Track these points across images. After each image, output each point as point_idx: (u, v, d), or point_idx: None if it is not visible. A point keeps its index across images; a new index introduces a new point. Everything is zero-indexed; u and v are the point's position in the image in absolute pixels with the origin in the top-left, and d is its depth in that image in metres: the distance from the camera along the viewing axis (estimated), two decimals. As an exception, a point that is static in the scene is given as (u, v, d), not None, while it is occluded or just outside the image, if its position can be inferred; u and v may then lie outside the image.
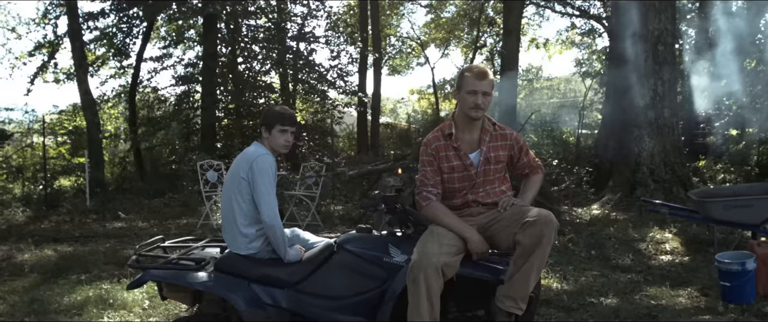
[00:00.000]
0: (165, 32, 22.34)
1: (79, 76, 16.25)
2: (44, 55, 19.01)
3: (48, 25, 19.47)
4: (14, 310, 6.40)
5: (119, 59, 20.52)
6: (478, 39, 25.87)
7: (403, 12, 29.88)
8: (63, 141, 19.13)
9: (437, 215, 3.90)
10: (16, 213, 13.03)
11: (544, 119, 22.95)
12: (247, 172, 4.08)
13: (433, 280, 3.57)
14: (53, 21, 19.15)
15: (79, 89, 16.21)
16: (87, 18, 18.07)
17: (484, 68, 3.98)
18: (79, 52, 16.19)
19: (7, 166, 17.33)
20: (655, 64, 11.71)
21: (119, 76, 21.09)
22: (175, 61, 20.59)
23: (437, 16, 29.26)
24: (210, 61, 18.74)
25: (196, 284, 3.96)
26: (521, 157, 4.14)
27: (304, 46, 21.15)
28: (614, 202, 11.35)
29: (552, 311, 6.13)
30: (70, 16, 16.26)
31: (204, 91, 19.00)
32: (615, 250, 8.52)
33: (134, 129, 19.36)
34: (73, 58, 16.48)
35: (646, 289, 6.76)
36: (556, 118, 24.08)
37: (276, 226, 4.02)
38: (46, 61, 18.71)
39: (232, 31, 19.67)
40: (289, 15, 21.14)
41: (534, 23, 28.43)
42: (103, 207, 13.09)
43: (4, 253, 9.16)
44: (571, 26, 27.11)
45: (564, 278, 7.26)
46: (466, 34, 28.17)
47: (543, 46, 30.41)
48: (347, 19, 24.39)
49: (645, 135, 11.64)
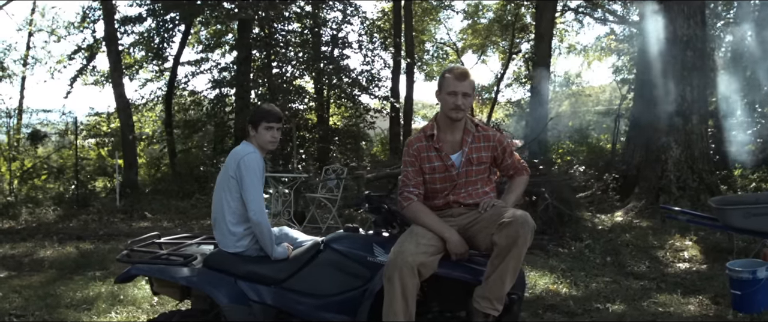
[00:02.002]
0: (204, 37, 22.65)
1: (115, 79, 16.58)
2: (83, 58, 19.39)
3: (86, 29, 19.84)
4: (28, 304, 6.56)
5: (157, 63, 20.87)
6: (513, 44, 25.73)
7: (440, 18, 29.88)
8: (102, 142, 19.53)
9: (417, 214, 3.91)
10: (47, 212, 13.33)
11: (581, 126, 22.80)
12: (235, 170, 4.13)
13: (408, 279, 3.58)
14: (91, 25, 19.52)
15: (114, 92, 16.51)
16: (124, 22, 18.45)
17: (464, 69, 3.98)
18: (114, 56, 16.50)
19: (48, 166, 17.77)
20: (684, 70, 11.51)
21: (157, 80, 21.45)
22: (212, 65, 20.90)
23: (474, 22, 29.17)
24: (244, 66, 18.96)
25: (180, 279, 4.01)
26: (505, 159, 4.12)
27: (338, 51, 21.29)
28: (639, 209, 11.18)
29: (556, 316, 6.09)
30: (107, 20, 16.59)
31: (238, 94, 19.24)
32: (631, 257, 8.43)
33: (170, 131, 19.65)
34: (109, 62, 16.79)
35: (655, 296, 6.67)
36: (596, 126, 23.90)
37: (262, 223, 4.06)
38: (85, 65, 19.09)
39: (267, 36, 19.86)
40: (324, 20, 21.28)
41: (572, 30, 28.13)
42: (132, 207, 13.33)
43: (28, 249, 9.40)
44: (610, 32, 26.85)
45: (574, 283, 7.20)
46: (502, 40, 28.03)
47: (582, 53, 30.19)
48: (381, 25, 24.44)
49: (672, 142, 11.44)
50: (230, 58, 21.05)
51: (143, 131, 22.58)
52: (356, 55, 34.60)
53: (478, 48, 30.34)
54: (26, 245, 9.71)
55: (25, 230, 11.33)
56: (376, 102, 21.64)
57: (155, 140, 21.61)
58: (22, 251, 9.33)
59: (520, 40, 25.87)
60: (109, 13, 16.63)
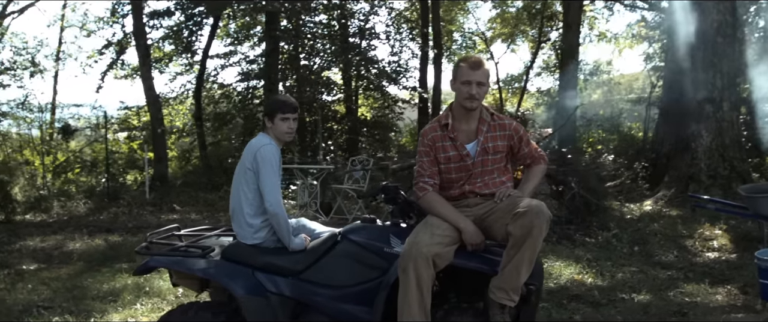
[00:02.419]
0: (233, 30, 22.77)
1: (144, 73, 16.75)
2: (113, 52, 19.61)
3: (116, 24, 20.05)
4: (55, 296, 6.67)
5: (186, 56, 21.04)
6: (541, 33, 25.48)
7: (469, 7, 29.67)
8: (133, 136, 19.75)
9: (432, 205, 3.88)
10: (78, 205, 13.51)
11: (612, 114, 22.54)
12: (252, 162, 4.13)
13: (423, 270, 3.56)
14: (120, 20, 19.72)
15: (143, 86, 16.68)
16: (152, 16, 18.63)
17: (478, 58, 3.93)
18: (143, 50, 16.66)
19: (81, 160, 18.04)
20: (714, 57, 11.32)
21: (187, 73, 21.63)
22: (241, 58, 21.02)
23: (503, 12, 28.94)
24: (272, 58, 19.04)
25: (197, 271, 4.03)
26: (522, 148, 4.07)
27: (365, 42, 21.29)
28: (668, 198, 11.03)
29: (580, 306, 6.04)
30: (135, 15, 16.75)
31: (266, 86, 19.34)
32: (659, 246, 8.33)
33: (199, 123, 19.80)
34: (138, 56, 16.95)
35: (682, 286, 6.60)
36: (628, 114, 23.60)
37: (279, 214, 4.05)
38: (115, 59, 19.29)
39: (295, 28, 19.91)
40: (351, 12, 21.29)
41: (602, 18, 27.75)
42: (161, 200, 13.46)
43: (58, 242, 9.53)
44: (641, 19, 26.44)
45: (600, 273, 7.14)
46: (531, 29, 27.76)
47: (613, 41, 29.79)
48: (408, 15, 24.36)
49: (703, 129, 11.27)
50: (259, 51, 21.16)
51: (174, 124, 22.80)
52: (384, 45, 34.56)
53: (506, 37, 30.06)
54: (56, 238, 9.85)
55: (56, 223, 11.50)
56: (404, 93, 21.61)
57: (185, 133, 21.79)
58: (52, 243, 9.47)
59: (548, 29, 25.60)
60: (138, 8, 16.78)
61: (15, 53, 19.86)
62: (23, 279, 7.41)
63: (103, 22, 21.27)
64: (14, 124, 18.41)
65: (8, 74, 18.64)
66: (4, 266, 8.05)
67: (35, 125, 18.41)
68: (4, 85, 18.59)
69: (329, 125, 21.58)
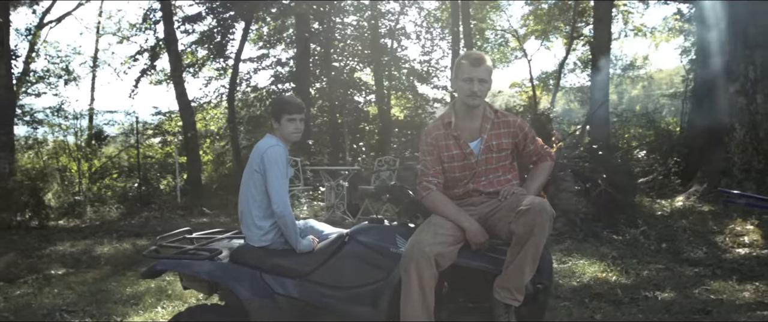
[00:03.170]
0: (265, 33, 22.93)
1: (175, 78, 16.92)
2: (147, 58, 19.86)
3: (149, 30, 20.31)
4: (79, 299, 6.75)
5: (219, 60, 21.26)
6: (574, 29, 25.21)
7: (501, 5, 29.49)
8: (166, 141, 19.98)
9: (436, 204, 3.84)
10: (111, 210, 13.69)
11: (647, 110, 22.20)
12: (259, 164, 4.13)
13: (425, 270, 3.52)
14: (153, 26, 19.96)
15: (175, 91, 16.84)
16: (184, 21, 18.87)
17: (480, 55, 3.88)
18: (174, 56, 16.85)
19: (119, 166, 18.31)
20: (746, 48, 11.06)
21: (220, 77, 21.84)
22: (273, 61, 21.18)
23: (536, 8, 28.71)
24: (302, 60, 19.13)
25: (202, 273, 4.03)
26: (527, 145, 4.00)
27: (396, 43, 21.31)
28: (700, 193, 10.82)
29: (602, 305, 5.94)
30: (166, 21, 16.93)
31: (298, 89, 19.44)
32: (688, 243, 8.17)
33: (232, 127, 19.95)
34: (169, 62, 17.15)
35: (709, 283, 6.45)
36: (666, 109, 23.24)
37: (286, 215, 4.04)
38: (148, 66, 19.53)
39: (326, 30, 20.00)
40: (381, 12, 21.32)
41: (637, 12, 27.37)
42: (192, 204, 13.57)
43: (87, 247, 9.65)
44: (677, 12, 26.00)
45: (625, 271, 7.02)
46: (565, 25, 27.50)
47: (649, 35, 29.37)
48: (439, 15, 24.31)
49: (736, 123, 11.02)
50: (291, 53, 21.29)
51: (209, 129, 23.01)
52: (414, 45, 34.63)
53: (540, 34, 29.82)
54: (86, 243, 9.97)
55: (88, 228, 11.66)
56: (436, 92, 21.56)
57: (218, 137, 21.98)
58: (82, 248, 9.58)
59: (582, 25, 25.33)
60: (168, 15, 16.96)
61: (49, 62, 20.26)
62: (50, 284, 7.52)
63: (137, 28, 21.54)
64: (50, 132, 18.73)
65: (43, 83, 18.98)
66: (33, 270, 8.17)
67: (71, 132, 18.71)
68: (39, 93, 18.93)
69: (361, 126, 21.62)
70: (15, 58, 14.99)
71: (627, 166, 10.60)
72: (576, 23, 25.08)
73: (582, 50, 27.50)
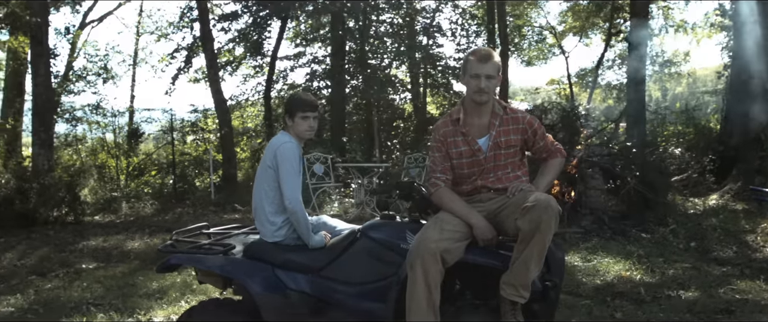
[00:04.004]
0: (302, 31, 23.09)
1: (211, 76, 17.10)
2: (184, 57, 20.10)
3: (186, 28, 20.56)
4: (107, 293, 6.90)
5: (255, 58, 21.45)
6: (612, 25, 24.89)
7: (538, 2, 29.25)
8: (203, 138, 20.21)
9: (443, 201, 3.84)
10: (146, 206, 13.91)
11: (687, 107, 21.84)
12: (272, 160, 4.17)
13: (431, 266, 3.52)
14: (189, 24, 20.20)
15: (211, 89, 17.03)
16: (220, 19, 19.08)
17: (488, 51, 3.87)
18: (210, 55, 17.04)
19: (158, 163, 18.59)
20: (783, 44, 10.87)
21: (257, 75, 22.04)
22: (309, 59, 21.31)
23: (575, 4, 28.40)
24: (337, 58, 19.22)
25: (215, 268, 4.08)
26: (536, 142, 3.98)
27: (431, 40, 21.28)
28: (735, 191, 10.64)
29: (623, 304, 5.88)
30: (202, 20, 17.14)
31: (332, 86, 19.54)
32: (718, 241, 8.03)
33: (268, 124, 20.11)
34: (205, 60, 17.35)
35: (735, 283, 6.33)
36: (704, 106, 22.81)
37: (298, 211, 4.07)
38: (185, 64, 19.77)
39: (361, 28, 20.06)
40: (417, 9, 21.31)
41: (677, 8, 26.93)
42: (225, 200, 13.72)
43: (119, 241, 9.83)
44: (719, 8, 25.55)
45: (651, 269, 6.93)
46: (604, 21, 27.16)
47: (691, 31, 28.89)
48: (475, 12, 24.19)
49: (772, 119, 10.85)
50: (327, 51, 21.41)
51: (246, 126, 23.22)
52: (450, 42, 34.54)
53: (578, 30, 29.50)
54: (118, 238, 10.15)
55: (122, 223, 11.87)
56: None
57: (254, 134, 22.17)
58: (113, 243, 9.76)
59: (619, 21, 25.00)
60: (204, 13, 17.17)
61: (88, 61, 20.63)
62: (80, 277, 7.68)
63: (174, 26, 21.83)
64: (88, 130, 19.07)
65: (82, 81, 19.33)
66: (65, 264, 8.36)
67: (109, 129, 19.01)
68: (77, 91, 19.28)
69: (396, 123, 21.64)
70: (54, 58, 15.20)
71: (659, 163, 10.44)
72: (613, 19, 24.75)
73: (620, 47, 27.15)
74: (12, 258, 8.99)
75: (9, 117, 18.22)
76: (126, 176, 17.57)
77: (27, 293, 7.04)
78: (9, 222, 11.23)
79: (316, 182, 11.68)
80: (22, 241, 10.15)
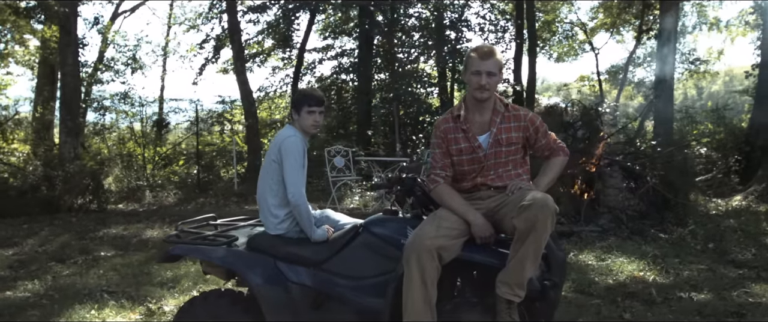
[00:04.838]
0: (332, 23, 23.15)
1: (237, 68, 17.23)
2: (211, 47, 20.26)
3: (214, 19, 20.71)
4: (122, 280, 7.00)
5: (284, 50, 21.55)
6: (643, 21, 24.61)
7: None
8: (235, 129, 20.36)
9: (442, 197, 3.83)
10: (169, 195, 14.05)
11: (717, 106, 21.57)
12: (277, 153, 4.20)
13: (427, 262, 3.51)
14: (218, 15, 20.34)
15: (237, 80, 17.14)
16: (249, 11, 19.19)
17: (489, 47, 3.84)
18: (237, 46, 17.16)
19: (186, 153, 18.77)
20: (813, 41, 10.67)
21: (285, 67, 22.13)
22: (337, 52, 21.36)
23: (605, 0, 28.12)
24: (364, 51, 19.24)
25: (216, 259, 4.12)
26: (538, 139, 3.95)
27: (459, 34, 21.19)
28: (759, 192, 10.48)
29: (634, 304, 5.82)
30: (230, 11, 17.26)
31: (359, 79, 19.56)
32: (737, 243, 7.90)
33: (294, 116, 20.16)
34: (232, 52, 17.47)
35: (750, 286, 6.23)
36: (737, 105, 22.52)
37: (301, 205, 4.09)
38: (212, 55, 19.93)
39: (390, 21, 20.05)
40: (445, 4, 21.23)
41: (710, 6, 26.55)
42: (248, 191, 13.81)
43: (139, 230, 9.95)
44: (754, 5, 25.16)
45: (665, 270, 6.85)
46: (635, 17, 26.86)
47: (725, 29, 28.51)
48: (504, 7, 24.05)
49: (799, 120, 10.66)
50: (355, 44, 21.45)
51: (274, 118, 23.34)
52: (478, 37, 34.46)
53: (609, 27, 29.20)
54: (138, 227, 10.28)
55: (144, 212, 12.02)
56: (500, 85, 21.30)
57: (280, 126, 22.26)
58: (133, 231, 9.89)
59: (651, 19, 24.71)
60: (232, 4, 17.28)
61: (117, 51, 20.87)
62: (97, 265, 7.80)
63: (203, 17, 22.00)
64: (116, 119, 19.31)
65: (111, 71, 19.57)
66: (84, 251, 8.49)
67: (137, 119, 19.24)
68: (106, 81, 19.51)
69: (422, 118, 21.60)
70: (82, 47, 15.40)
71: (683, 163, 10.31)
72: (645, 16, 24.46)
73: (651, 44, 26.85)
74: (34, 244, 9.15)
75: (39, 105, 18.50)
76: (152, 165, 17.74)
77: (45, 279, 7.17)
78: (34, 208, 11.43)
79: (336, 174, 11.70)
80: (45, 227, 10.34)
